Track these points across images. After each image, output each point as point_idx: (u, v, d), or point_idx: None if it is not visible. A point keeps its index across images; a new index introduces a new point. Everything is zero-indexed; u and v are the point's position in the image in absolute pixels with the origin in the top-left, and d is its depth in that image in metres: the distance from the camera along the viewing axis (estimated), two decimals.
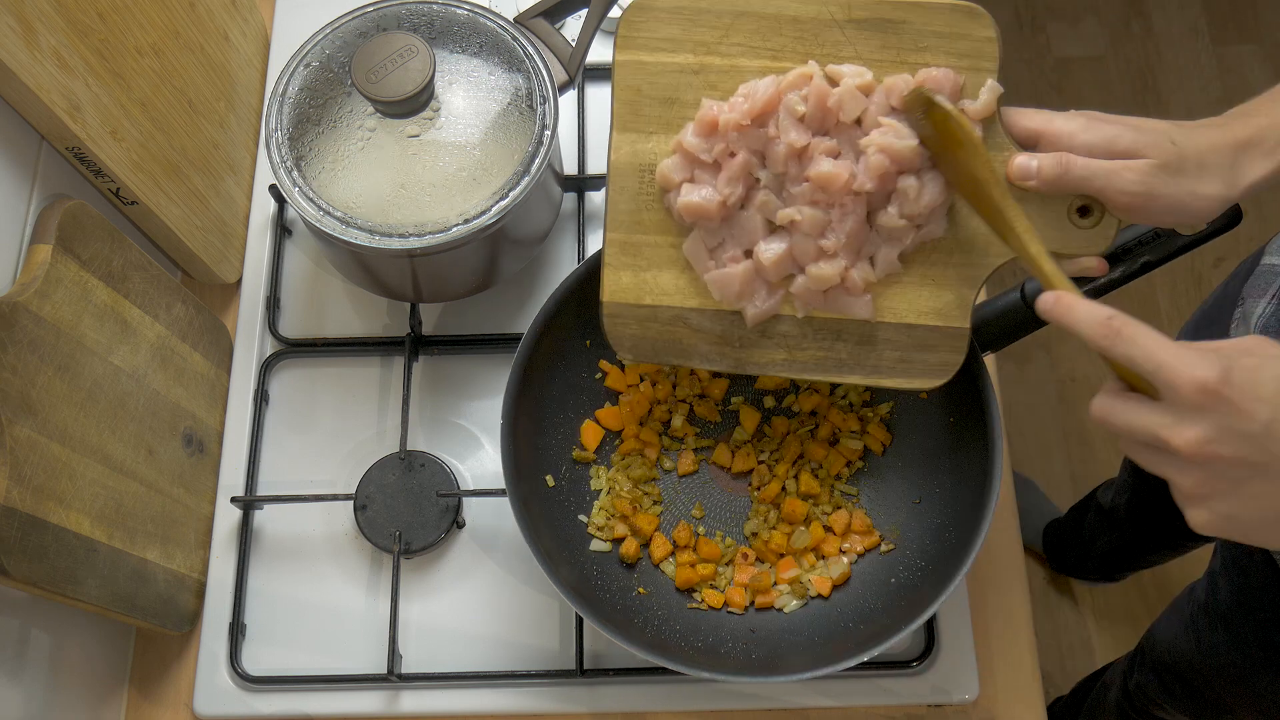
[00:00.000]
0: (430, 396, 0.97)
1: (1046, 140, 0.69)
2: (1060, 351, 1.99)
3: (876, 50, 0.72)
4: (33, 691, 0.77)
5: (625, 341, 0.80)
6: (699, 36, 0.74)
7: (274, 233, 1.02)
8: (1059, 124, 0.69)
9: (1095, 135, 0.67)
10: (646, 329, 0.79)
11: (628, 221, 0.78)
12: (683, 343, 0.79)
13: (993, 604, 0.90)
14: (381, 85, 0.82)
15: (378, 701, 0.88)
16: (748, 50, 0.74)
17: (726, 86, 0.74)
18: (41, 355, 0.73)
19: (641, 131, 0.76)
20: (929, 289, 0.75)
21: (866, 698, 0.87)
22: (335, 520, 0.94)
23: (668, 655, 0.77)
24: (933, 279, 0.75)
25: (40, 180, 0.78)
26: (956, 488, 0.85)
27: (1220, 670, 1.05)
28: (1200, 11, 2.23)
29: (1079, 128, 0.68)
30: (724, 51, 0.74)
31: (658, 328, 0.79)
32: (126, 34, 0.82)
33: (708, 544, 0.88)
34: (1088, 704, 1.51)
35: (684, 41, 0.74)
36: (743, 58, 0.74)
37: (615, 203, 0.78)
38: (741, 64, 0.74)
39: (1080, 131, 0.68)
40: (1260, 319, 0.89)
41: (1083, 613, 1.82)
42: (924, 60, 0.72)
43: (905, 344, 0.76)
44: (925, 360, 0.76)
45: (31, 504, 0.70)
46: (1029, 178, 0.69)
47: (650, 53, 0.75)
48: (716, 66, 0.74)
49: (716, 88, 0.74)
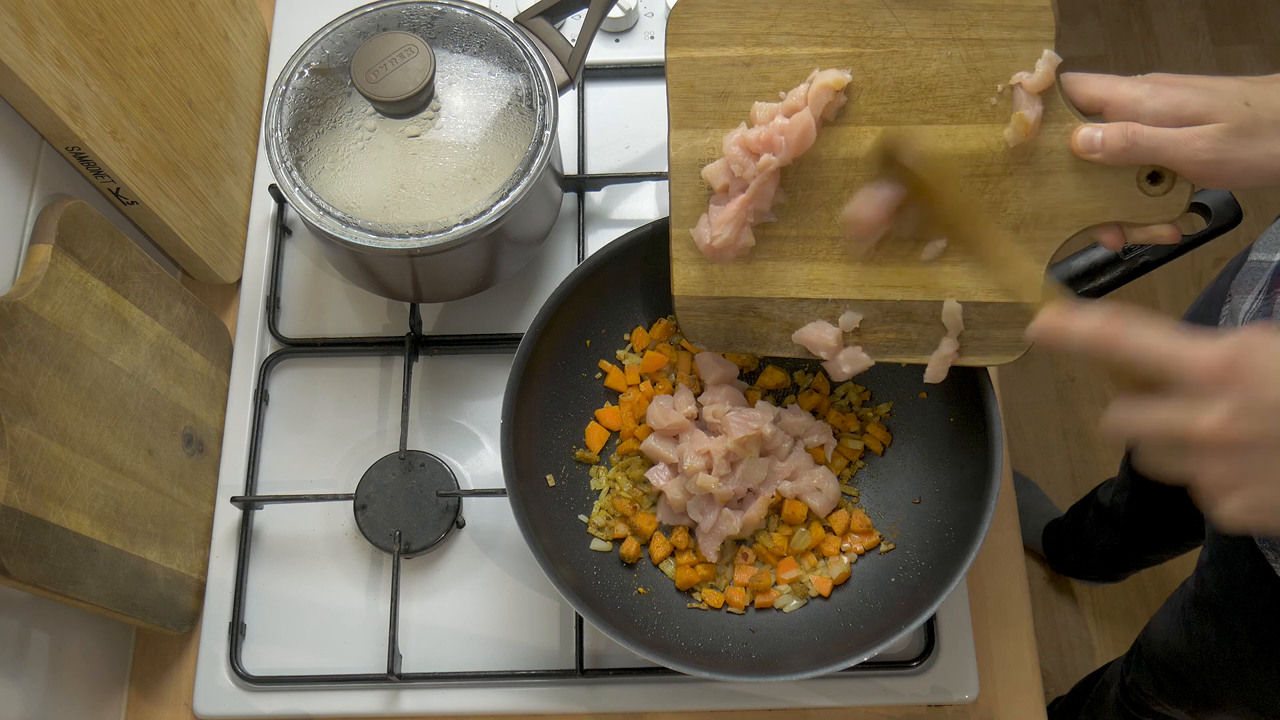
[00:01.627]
0: (430, 396, 0.97)
1: (1112, 108, 0.67)
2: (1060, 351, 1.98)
3: (927, 28, 0.71)
4: (33, 691, 0.77)
5: (699, 333, 0.82)
6: (747, 28, 0.74)
7: (274, 233, 1.02)
8: (1124, 90, 0.66)
9: (1162, 101, 0.64)
10: (718, 320, 0.81)
11: (691, 217, 0.79)
12: (754, 331, 0.81)
13: (993, 604, 0.90)
14: (381, 85, 0.82)
15: (378, 701, 0.88)
16: (797, 39, 0.73)
17: (778, 77, 0.74)
18: (41, 355, 0.73)
19: (698, 127, 0.77)
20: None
21: (866, 698, 0.87)
22: (335, 520, 0.94)
23: (668, 655, 0.77)
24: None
25: (40, 180, 0.78)
26: (956, 488, 0.85)
27: (1210, 662, 1.05)
28: (1200, 11, 2.23)
29: (1145, 94, 0.65)
30: (773, 42, 0.74)
31: (729, 319, 0.81)
32: (126, 34, 0.82)
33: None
34: (1087, 703, 1.51)
35: (733, 34, 0.74)
36: (792, 46, 0.74)
37: (678, 199, 0.79)
38: (792, 52, 0.74)
39: (1147, 98, 0.65)
40: (1247, 314, 0.89)
41: (1083, 612, 1.82)
42: (977, 35, 0.70)
43: (977, 321, 0.76)
44: (997, 337, 0.76)
45: (31, 504, 0.70)
46: (1094, 151, 0.67)
47: (700, 48, 0.75)
48: (767, 57, 0.74)
49: (768, 79, 0.74)
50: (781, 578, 0.87)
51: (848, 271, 0.77)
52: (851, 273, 0.77)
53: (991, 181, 0.73)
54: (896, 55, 0.72)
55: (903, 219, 0.71)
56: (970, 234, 0.68)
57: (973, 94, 0.71)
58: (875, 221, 0.70)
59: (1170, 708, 1.22)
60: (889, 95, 0.73)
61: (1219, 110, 0.63)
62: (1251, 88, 0.64)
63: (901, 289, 0.77)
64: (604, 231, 1.02)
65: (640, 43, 1.09)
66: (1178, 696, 1.18)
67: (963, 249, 0.71)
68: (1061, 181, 0.71)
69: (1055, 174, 0.71)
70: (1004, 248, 0.66)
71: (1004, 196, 0.73)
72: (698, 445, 0.86)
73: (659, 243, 0.87)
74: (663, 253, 0.82)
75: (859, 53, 0.73)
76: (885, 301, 0.77)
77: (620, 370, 0.93)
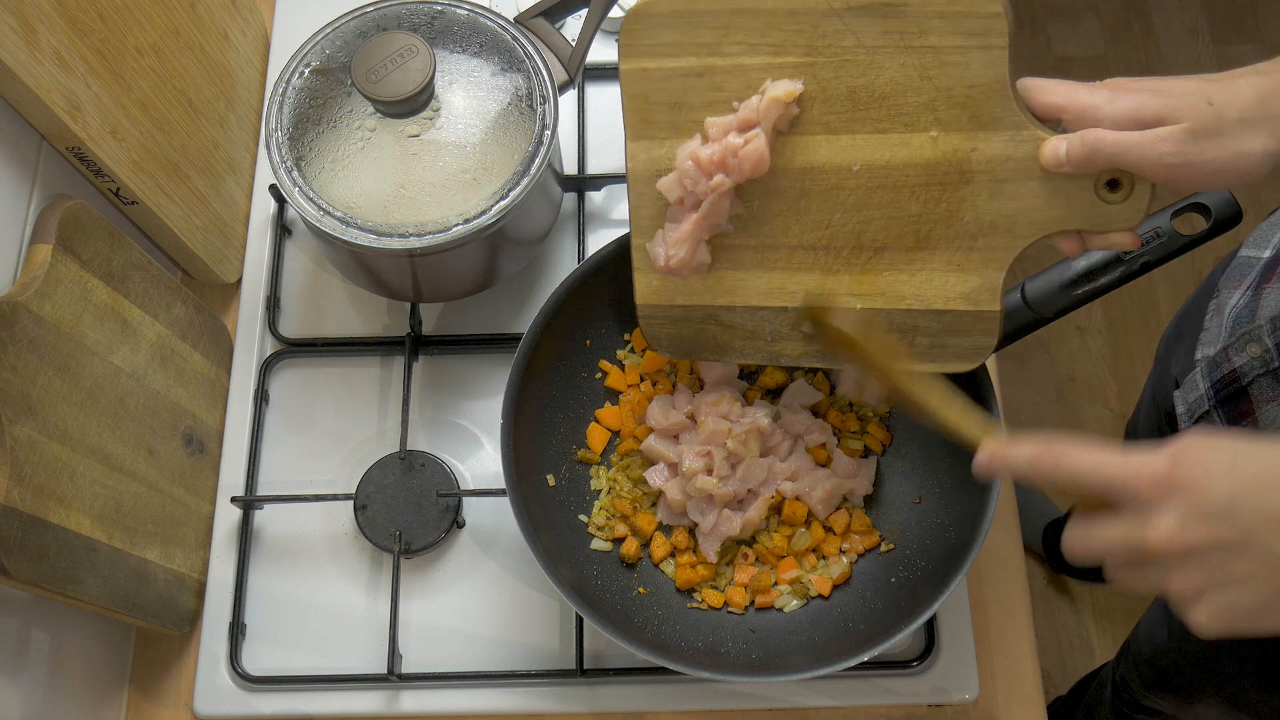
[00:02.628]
0: (430, 396, 0.97)
1: (1070, 115, 0.66)
2: (1060, 352, 1.99)
3: (878, 36, 0.71)
4: (33, 691, 0.77)
5: (663, 340, 0.83)
6: (700, 39, 0.74)
7: (274, 233, 1.02)
8: (1083, 97, 0.65)
9: (1120, 106, 0.63)
10: (681, 328, 0.82)
11: (650, 228, 0.79)
12: (716, 339, 0.82)
13: (993, 604, 0.90)
14: (381, 85, 0.82)
15: (378, 701, 0.88)
16: (749, 48, 0.73)
17: (732, 87, 0.74)
18: (41, 355, 0.73)
19: (654, 138, 0.77)
20: (955, 274, 0.74)
21: (866, 698, 0.87)
22: (335, 520, 0.94)
23: (668, 655, 0.77)
24: (959, 264, 0.74)
25: (40, 180, 0.78)
26: (956, 488, 0.85)
27: (1190, 655, 1.05)
28: (1200, 11, 2.23)
29: (1104, 100, 0.64)
30: (726, 51, 0.74)
31: (691, 326, 0.81)
32: (127, 34, 0.82)
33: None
34: (1085, 701, 1.51)
35: (685, 45, 0.74)
36: (745, 56, 0.73)
37: (637, 209, 0.79)
38: (744, 62, 0.73)
39: (1105, 104, 0.63)
40: (1234, 309, 0.88)
41: (1082, 612, 1.82)
42: (929, 43, 0.69)
43: (937, 330, 0.76)
44: (959, 344, 0.76)
45: (32, 504, 0.70)
46: (1060, 165, 0.66)
47: (653, 59, 0.75)
48: (720, 67, 0.74)
49: (722, 89, 0.74)
50: (782, 578, 0.87)
51: (807, 281, 0.77)
52: (810, 281, 0.77)
53: (948, 190, 0.72)
54: (849, 64, 0.72)
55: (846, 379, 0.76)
56: (903, 384, 0.71)
57: (926, 102, 0.71)
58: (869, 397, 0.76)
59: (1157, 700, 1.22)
60: (842, 104, 0.72)
61: (1180, 111, 0.62)
62: (1211, 86, 0.62)
63: (861, 297, 0.76)
64: (604, 231, 1.02)
65: None
66: (1161, 690, 1.18)
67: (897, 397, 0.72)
68: (1019, 190, 0.70)
69: (1012, 182, 0.70)
70: (933, 397, 0.68)
71: (960, 205, 0.72)
72: (697, 446, 0.86)
73: None
74: None
75: (811, 62, 0.72)
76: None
77: (620, 370, 0.93)
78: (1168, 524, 0.54)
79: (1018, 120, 0.69)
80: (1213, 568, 0.54)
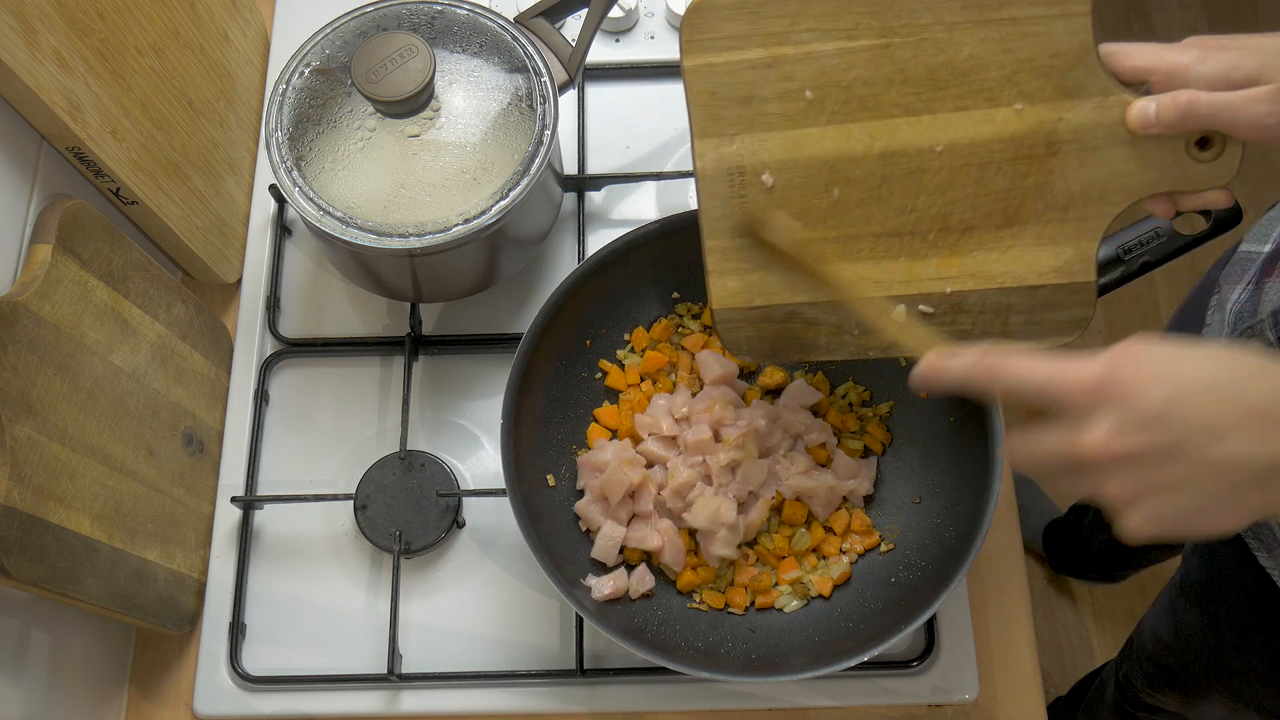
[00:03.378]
0: (430, 396, 0.97)
1: (1158, 77, 0.65)
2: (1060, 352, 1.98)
3: (957, 12, 0.69)
4: (33, 691, 0.77)
5: (741, 345, 0.79)
6: (767, 28, 0.71)
7: (274, 233, 1.02)
8: (1171, 58, 0.64)
9: (1212, 65, 0.62)
10: (761, 330, 0.78)
11: (724, 227, 0.76)
12: (800, 337, 0.78)
13: (993, 604, 0.90)
14: (381, 85, 0.82)
15: (378, 701, 0.88)
16: (820, 34, 0.71)
17: (803, 76, 0.72)
18: (41, 355, 0.73)
19: (723, 135, 0.74)
20: (1048, 248, 0.72)
21: (866, 698, 0.87)
22: (335, 520, 0.94)
23: (668, 655, 0.77)
24: (1050, 237, 0.72)
25: (40, 180, 0.78)
26: (956, 488, 0.85)
27: (1195, 652, 1.05)
28: (1200, 11, 2.24)
29: (1194, 59, 0.63)
30: (796, 40, 0.71)
31: (772, 327, 0.78)
32: (126, 34, 0.82)
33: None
34: (1086, 701, 1.51)
35: (752, 36, 0.72)
36: (816, 43, 0.71)
37: (708, 210, 0.76)
38: (816, 49, 0.71)
39: (1195, 63, 0.62)
40: (1235, 304, 0.88)
41: (1082, 612, 1.82)
42: (1009, 15, 0.68)
43: (1031, 306, 0.74)
44: (1054, 319, 0.74)
45: (31, 504, 0.70)
46: (1149, 127, 0.65)
47: (719, 53, 0.72)
48: (790, 57, 0.71)
49: (793, 78, 0.72)
50: (782, 578, 0.87)
51: (893, 268, 0.75)
52: (897, 268, 0.75)
53: (1036, 163, 0.71)
54: (927, 42, 0.70)
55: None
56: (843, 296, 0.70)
57: (1009, 75, 0.69)
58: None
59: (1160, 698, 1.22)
60: (922, 84, 0.71)
61: (1273, 70, 0.61)
62: None
63: (950, 280, 0.75)
64: (604, 231, 1.02)
65: (640, 43, 1.09)
66: (1165, 688, 1.18)
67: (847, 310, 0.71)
68: (1108, 156, 0.69)
69: (1100, 149, 0.69)
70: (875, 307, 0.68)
71: (1049, 177, 0.71)
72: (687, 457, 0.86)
73: (659, 243, 0.87)
74: (663, 252, 0.81)
75: (887, 43, 0.71)
76: (934, 294, 0.76)
77: (620, 370, 0.93)
78: (1101, 430, 0.54)
79: (1104, 85, 0.68)
80: (1145, 474, 0.55)
